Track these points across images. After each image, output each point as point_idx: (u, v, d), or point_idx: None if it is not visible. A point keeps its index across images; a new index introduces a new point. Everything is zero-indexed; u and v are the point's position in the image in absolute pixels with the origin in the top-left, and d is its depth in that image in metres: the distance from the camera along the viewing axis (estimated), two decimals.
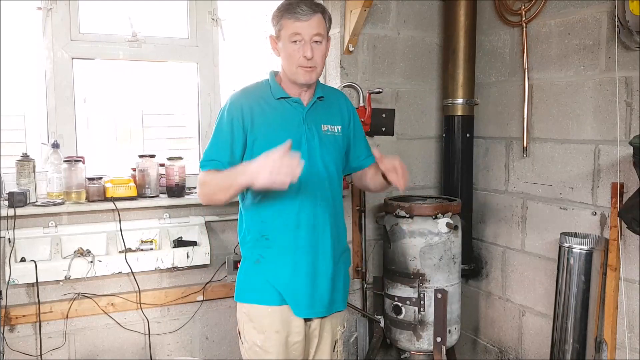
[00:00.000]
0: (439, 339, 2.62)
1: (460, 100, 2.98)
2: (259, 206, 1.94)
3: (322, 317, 2.01)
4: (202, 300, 2.77)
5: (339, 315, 2.09)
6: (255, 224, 1.96)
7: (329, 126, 2.00)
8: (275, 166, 1.64)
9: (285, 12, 1.83)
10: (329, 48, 1.94)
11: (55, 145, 2.52)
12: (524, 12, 2.74)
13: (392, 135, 3.08)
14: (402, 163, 1.87)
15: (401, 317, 2.69)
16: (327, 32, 1.90)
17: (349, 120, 2.08)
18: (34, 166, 2.48)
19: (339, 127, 2.03)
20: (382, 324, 2.84)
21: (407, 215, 2.65)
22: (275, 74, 2.00)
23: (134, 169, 2.71)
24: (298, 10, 1.81)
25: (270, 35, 1.93)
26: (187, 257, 2.63)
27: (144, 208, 2.65)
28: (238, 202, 2.91)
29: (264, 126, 1.89)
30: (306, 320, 1.97)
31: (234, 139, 1.89)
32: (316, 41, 1.84)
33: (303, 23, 1.81)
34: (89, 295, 2.57)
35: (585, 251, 2.37)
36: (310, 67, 1.85)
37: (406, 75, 3.14)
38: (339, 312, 2.07)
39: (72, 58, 2.64)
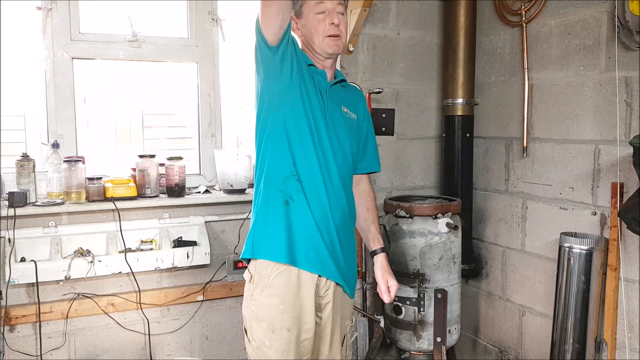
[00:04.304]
0: (439, 339, 2.62)
1: (460, 100, 2.98)
2: (288, 144, 1.86)
3: (331, 311, 1.95)
4: (202, 300, 2.77)
5: (347, 307, 2.06)
6: (284, 162, 1.86)
7: (349, 110, 2.01)
8: None
9: None
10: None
11: (55, 145, 2.52)
12: (524, 12, 2.75)
13: (392, 135, 3.09)
14: (396, 285, 2.07)
15: (401, 317, 2.69)
16: (346, 10, 1.96)
17: (363, 117, 2.08)
18: (34, 166, 2.48)
19: (356, 116, 2.04)
20: (382, 324, 2.84)
21: (407, 215, 2.65)
22: None
23: (134, 169, 2.71)
24: None
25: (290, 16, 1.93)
26: (187, 257, 2.63)
27: (144, 208, 2.66)
28: (235, 202, 2.88)
29: (302, 75, 1.85)
30: (316, 313, 1.91)
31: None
32: (339, 12, 1.91)
33: None
34: (89, 295, 2.57)
35: (585, 251, 2.37)
36: (337, 35, 1.89)
37: (406, 75, 3.14)
38: (347, 303, 2.03)
39: (72, 58, 2.64)
